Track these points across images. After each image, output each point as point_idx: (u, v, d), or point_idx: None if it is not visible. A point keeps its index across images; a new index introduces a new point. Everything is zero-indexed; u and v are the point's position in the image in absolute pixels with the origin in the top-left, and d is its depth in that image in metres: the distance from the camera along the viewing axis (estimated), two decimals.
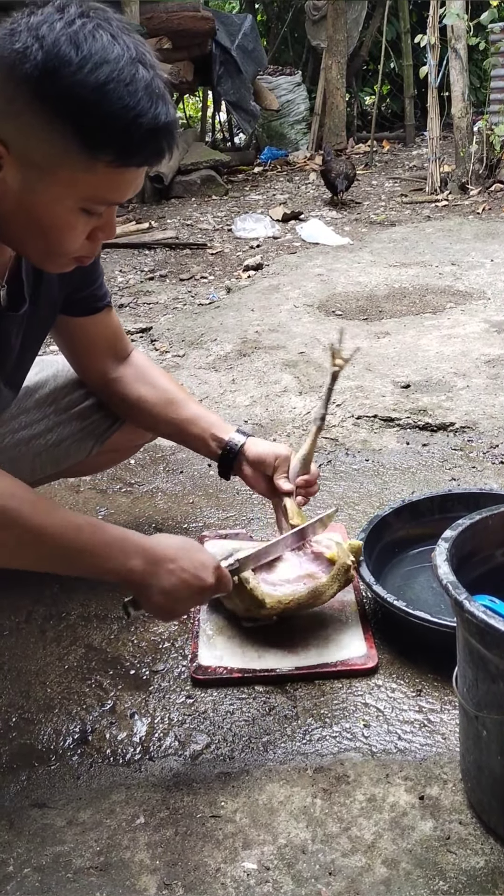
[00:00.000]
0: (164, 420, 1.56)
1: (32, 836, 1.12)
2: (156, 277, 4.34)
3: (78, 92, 0.94)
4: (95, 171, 1.00)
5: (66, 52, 0.94)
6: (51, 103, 0.96)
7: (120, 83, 0.95)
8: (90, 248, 1.12)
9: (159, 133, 1.00)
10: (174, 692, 1.37)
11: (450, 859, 1.05)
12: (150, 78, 0.99)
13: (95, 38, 0.95)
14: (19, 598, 1.64)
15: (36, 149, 0.99)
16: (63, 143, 0.98)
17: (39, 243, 1.10)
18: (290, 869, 1.05)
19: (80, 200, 1.04)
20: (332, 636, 1.45)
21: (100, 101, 0.95)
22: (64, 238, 1.08)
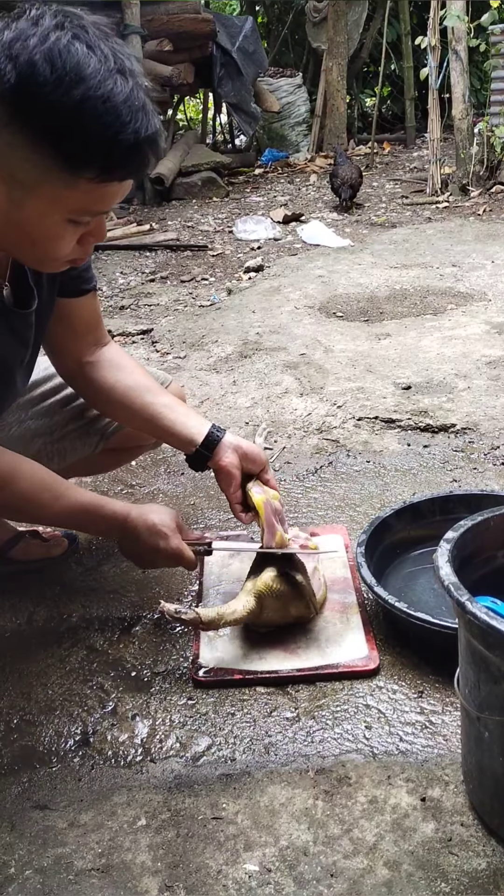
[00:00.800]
0: (137, 408, 1.51)
1: (34, 837, 1.12)
2: (157, 279, 4.34)
3: (55, 113, 0.94)
4: (78, 187, 1.01)
5: (40, 71, 0.92)
6: (28, 125, 0.95)
7: (97, 100, 0.94)
8: (82, 252, 1.14)
9: (141, 147, 1.00)
10: (175, 694, 1.37)
11: (451, 861, 1.05)
12: (129, 90, 0.98)
13: (71, 52, 0.93)
14: (20, 599, 1.64)
15: (18, 168, 0.99)
16: (44, 162, 0.98)
17: (31, 252, 1.12)
18: (291, 871, 1.05)
19: (66, 214, 1.05)
20: (334, 638, 1.45)
21: (77, 120, 0.94)
22: (54, 247, 1.09)
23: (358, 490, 2.00)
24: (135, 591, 1.65)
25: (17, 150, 0.98)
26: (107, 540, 1.74)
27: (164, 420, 1.49)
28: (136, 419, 1.53)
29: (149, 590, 1.65)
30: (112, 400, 1.52)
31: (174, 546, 1.41)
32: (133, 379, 1.52)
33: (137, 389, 1.51)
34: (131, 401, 1.51)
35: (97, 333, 1.54)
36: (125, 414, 1.54)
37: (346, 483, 2.04)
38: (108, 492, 2.06)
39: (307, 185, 7.15)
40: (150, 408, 1.50)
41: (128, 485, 2.09)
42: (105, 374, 1.52)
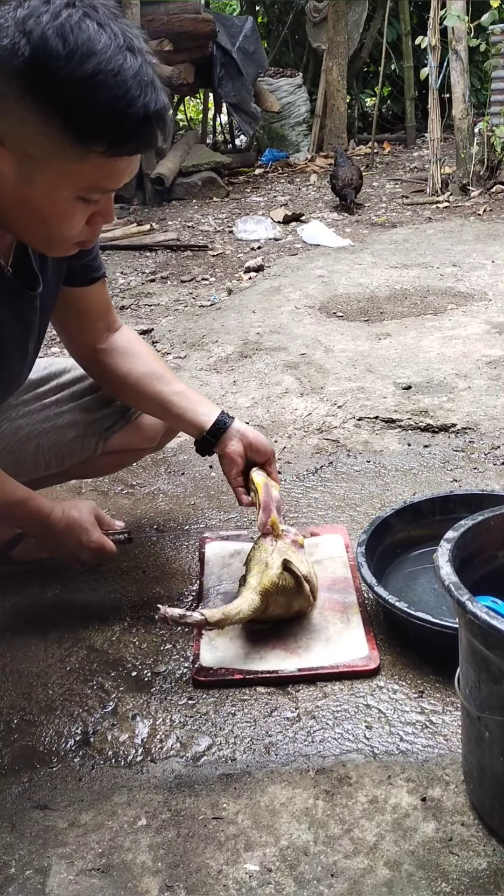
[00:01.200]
0: (150, 395, 1.55)
1: (34, 837, 1.12)
2: (157, 279, 4.34)
3: (67, 86, 0.96)
4: (88, 161, 1.02)
5: (53, 46, 0.94)
6: (41, 98, 0.97)
7: (108, 74, 0.96)
8: (90, 233, 1.15)
9: (150, 121, 1.02)
10: (176, 694, 1.37)
11: (452, 861, 1.05)
12: (139, 66, 0.99)
13: (82, 28, 0.95)
14: (21, 599, 1.64)
15: (29, 142, 1.01)
16: (55, 135, 1.00)
17: (40, 231, 1.12)
18: (292, 871, 1.05)
19: (75, 189, 1.06)
20: (334, 637, 1.45)
21: (89, 94, 0.96)
22: (63, 225, 1.10)
23: (358, 490, 2.00)
24: (135, 591, 1.65)
25: (29, 124, 0.99)
26: None
27: (174, 407, 1.54)
28: (148, 406, 1.59)
29: (149, 590, 1.65)
30: (126, 387, 1.56)
31: (95, 539, 1.47)
32: (144, 366, 1.55)
33: (149, 377, 1.54)
34: (144, 388, 1.55)
35: (108, 319, 1.56)
36: (138, 400, 1.59)
37: (346, 483, 2.04)
38: (109, 491, 2.06)
39: (307, 185, 7.15)
40: (162, 395, 1.54)
41: (128, 485, 2.09)
42: (118, 361, 1.55)
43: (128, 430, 1.66)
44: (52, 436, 1.60)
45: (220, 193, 6.78)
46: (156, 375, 1.55)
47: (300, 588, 1.45)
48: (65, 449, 1.61)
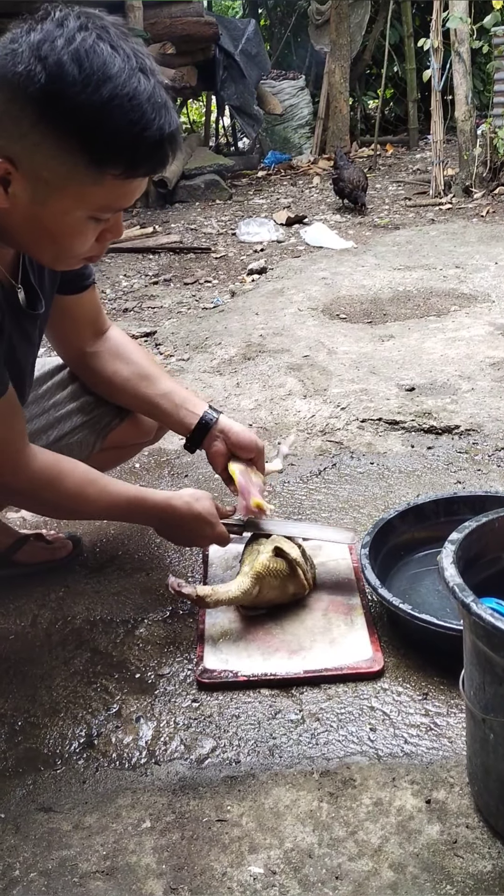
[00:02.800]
0: (137, 395, 1.59)
1: (38, 840, 1.12)
2: (160, 282, 4.34)
3: (83, 111, 0.96)
4: (103, 184, 1.03)
5: (69, 71, 0.94)
6: (57, 123, 0.97)
7: (124, 98, 0.96)
8: (99, 249, 1.16)
9: (164, 143, 1.03)
10: (180, 696, 1.37)
11: (457, 863, 1.04)
12: (152, 88, 1.00)
13: (97, 52, 0.96)
14: (24, 602, 1.64)
15: (43, 166, 1.01)
16: (71, 160, 1.00)
17: (50, 249, 1.13)
18: (296, 873, 1.05)
19: (89, 211, 1.07)
20: (338, 640, 1.44)
21: (105, 118, 0.97)
22: (74, 244, 1.12)
23: (362, 492, 2.00)
24: (139, 593, 1.65)
25: (44, 148, 0.99)
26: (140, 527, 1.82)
27: (159, 409, 1.60)
28: (137, 406, 1.64)
29: (153, 592, 1.65)
30: (113, 388, 1.61)
31: (219, 532, 1.54)
32: (130, 368, 1.59)
33: (135, 379, 1.59)
34: (130, 390, 1.59)
35: (97, 324, 1.59)
36: (126, 401, 1.63)
37: (349, 485, 2.04)
38: None
39: (310, 188, 7.15)
40: (147, 397, 1.59)
41: None
42: (105, 363, 1.58)
43: (125, 427, 1.67)
44: (52, 436, 1.60)
45: (222, 196, 6.78)
46: (142, 376, 1.58)
47: (293, 571, 1.49)
48: (64, 448, 1.61)
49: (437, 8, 5.79)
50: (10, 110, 0.98)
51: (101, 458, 1.72)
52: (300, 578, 1.51)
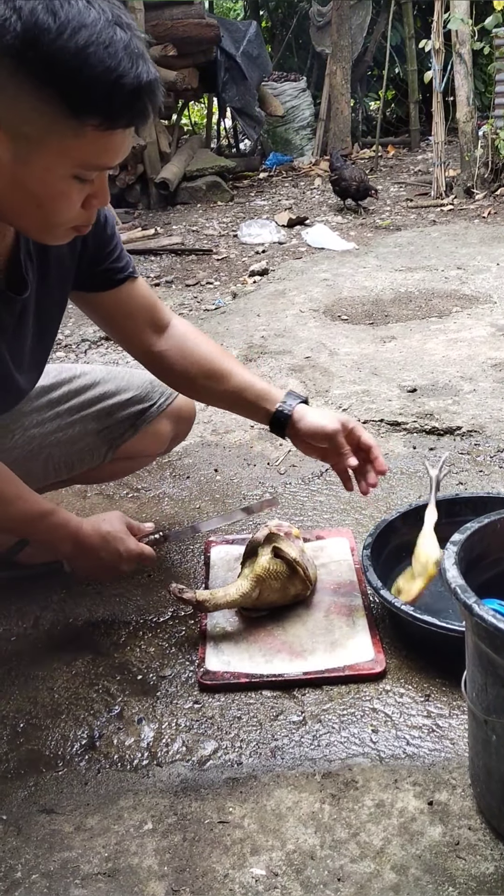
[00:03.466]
0: (211, 395, 1.56)
1: (40, 841, 1.12)
2: (162, 283, 4.35)
3: (60, 58, 0.95)
4: (84, 135, 1.01)
5: (43, 19, 0.94)
6: (34, 72, 0.96)
7: (99, 46, 0.96)
8: (86, 217, 1.13)
9: (142, 92, 1.00)
10: (182, 697, 1.37)
11: (459, 865, 1.04)
12: (129, 38, 0.99)
13: (71, 3, 0.95)
14: (26, 603, 1.64)
15: (24, 121, 0.99)
16: (50, 111, 0.98)
17: (35, 216, 1.10)
18: (298, 875, 1.05)
19: (71, 168, 1.04)
20: (340, 641, 1.44)
21: (82, 65, 0.95)
22: (59, 207, 1.08)
23: None
24: (140, 595, 1.65)
25: (23, 102, 0.98)
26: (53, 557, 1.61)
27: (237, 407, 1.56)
28: (216, 405, 1.64)
29: (154, 593, 1.65)
30: (186, 390, 1.60)
31: (133, 547, 1.47)
32: (198, 368, 1.52)
33: (203, 380, 1.53)
34: (203, 391, 1.57)
35: (154, 319, 1.52)
36: (204, 401, 1.64)
37: None
38: (114, 496, 2.06)
39: (312, 189, 7.16)
40: (221, 396, 1.55)
41: (133, 489, 2.09)
42: (173, 365, 1.52)
43: (138, 438, 1.65)
44: (64, 445, 1.59)
45: (224, 197, 6.79)
46: (211, 375, 1.52)
47: (294, 571, 1.49)
48: (75, 457, 1.61)
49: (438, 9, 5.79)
50: None
51: (112, 468, 1.72)
52: (301, 577, 1.50)
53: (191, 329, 1.56)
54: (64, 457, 1.60)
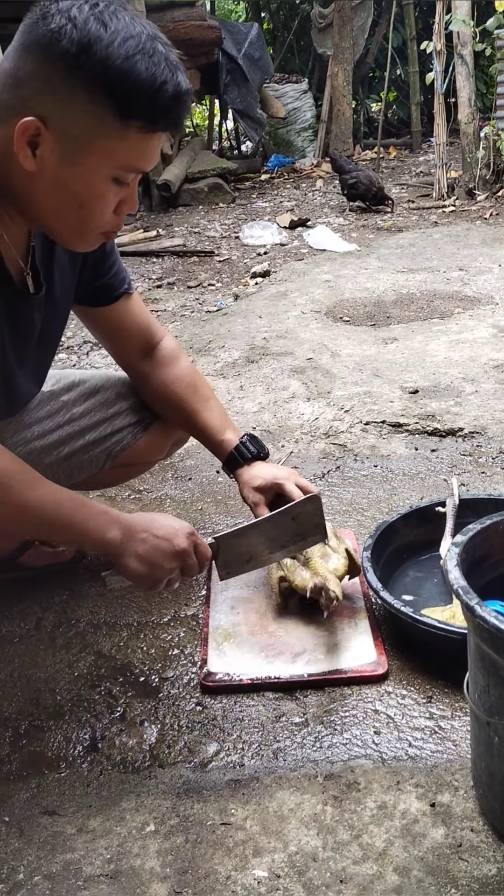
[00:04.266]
0: (185, 425, 1.63)
1: (42, 843, 1.12)
2: (164, 285, 4.35)
3: (110, 63, 1.03)
4: (127, 138, 1.08)
5: (96, 29, 1.03)
6: (87, 76, 1.04)
7: (145, 54, 1.05)
8: (116, 222, 1.20)
9: (180, 99, 1.09)
10: (184, 699, 1.37)
11: (462, 867, 1.04)
12: (167, 52, 1.08)
13: (118, 17, 1.05)
14: (28, 605, 1.64)
15: (73, 122, 1.06)
16: (99, 113, 1.06)
17: (74, 217, 1.15)
18: (300, 877, 1.05)
19: (113, 169, 1.11)
20: (342, 643, 1.44)
21: (130, 70, 1.04)
22: (98, 209, 1.14)
23: (365, 494, 2.00)
24: (143, 597, 1.65)
25: (73, 104, 1.05)
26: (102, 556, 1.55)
27: (205, 442, 1.62)
28: (187, 432, 1.67)
29: (157, 595, 1.65)
30: (164, 413, 1.63)
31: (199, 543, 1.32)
32: (178, 399, 1.59)
33: (180, 411, 1.60)
34: (180, 420, 1.62)
35: (145, 338, 1.58)
36: (178, 426, 1.66)
37: (353, 487, 2.03)
38: (116, 497, 2.06)
39: (313, 190, 7.16)
40: (193, 429, 1.62)
41: (135, 490, 2.09)
42: (156, 388, 1.59)
43: (138, 445, 1.66)
44: (65, 453, 1.59)
45: (226, 199, 6.79)
46: (187, 409, 1.59)
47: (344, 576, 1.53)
48: (75, 465, 1.61)
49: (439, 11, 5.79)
50: (42, 69, 1.04)
51: (112, 474, 1.71)
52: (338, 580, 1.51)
53: (174, 353, 1.61)
54: (64, 464, 1.60)
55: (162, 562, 1.27)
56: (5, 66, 1.08)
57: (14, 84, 1.06)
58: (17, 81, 1.06)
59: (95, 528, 1.24)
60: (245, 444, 1.58)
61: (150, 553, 1.26)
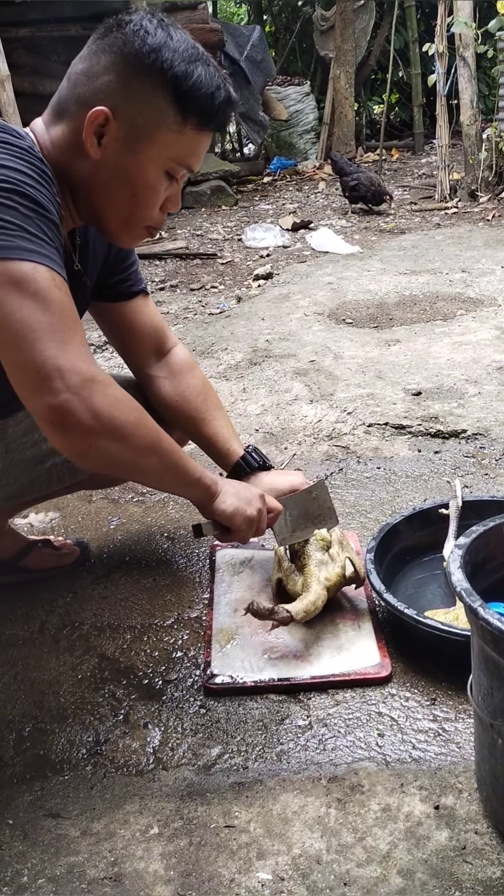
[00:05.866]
0: (190, 434, 1.65)
1: (46, 846, 1.12)
2: (166, 288, 4.36)
3: (176, 65, 1.16)
4: (184, 133, 1.20)
5: (164, 36, 1.17)
6: (155, 74, 1.16)
7: (202, 62, 1.20)
8: (160, 219, 1.29)
9: (231, 104, 1.24)
10: (187, 702, 1.37)
11: (466, 869, 1.04)
12: (217, 65, 1.24)
13: (179, 32, 1.20)
14: (32, 608, 1.64)
15: (139, 113, 1.18)
16: (163, 107, 1.18)
17: (126, 205, 1.24)
18: (304, 879, 1.04)
19: (168, 161, 1.21)
20: (346, 645, 1.44)
21: (191, 72, 1.17)
22: (149, 199, 1.24)
23: (368, 496, 1.99)
24: (146, 599, 1.65)
25: (140, 97, 1.17)
26: None
27: (209, 452, 1.65)
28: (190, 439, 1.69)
29: (160, 598, 1.65)
30: (170, 419, 1.61)
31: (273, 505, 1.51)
32: (186, 408, 1.61)
33: (186, 422, 1.62)
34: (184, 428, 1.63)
35: (158, 341, 1.61)
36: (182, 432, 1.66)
37: (356, 489, 2.03)
38: (119, 500, 2.06)
39: (316, 193, 7.17)
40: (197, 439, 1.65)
41: (138, 493, 2.09)
42: (165, 395, 1.60)
43: None
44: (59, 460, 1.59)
45: (228, 202, 6.80)
46: (194, 418, 1.61)
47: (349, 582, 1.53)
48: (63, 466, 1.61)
49: (441, 13, 5.80)
50: (116, 66, 1.16)
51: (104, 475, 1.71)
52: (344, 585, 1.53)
53: (188, 363, 1.64)
54: (68, 465, 1.60)
55: (250, 499, 1.46)
56: (78, 68, 1.20)
57: (87, 80, 1.18)
58: (90, 78, 1.18)
59: (200, 473, 1.38)
60: (251, 454, 1.62)
61: (239, 493, 1.45)
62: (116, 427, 1.12)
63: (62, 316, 1.07)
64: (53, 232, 1.10)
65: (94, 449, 1.12)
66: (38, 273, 1.05)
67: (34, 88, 5.92)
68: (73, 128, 1.19)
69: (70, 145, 1.20)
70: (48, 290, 1.05)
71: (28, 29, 6.17)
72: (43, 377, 1.05)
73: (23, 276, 1.04)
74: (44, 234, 1.08)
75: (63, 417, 1.06)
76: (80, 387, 1.06)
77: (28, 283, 1.04)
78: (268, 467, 1.63)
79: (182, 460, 1.32)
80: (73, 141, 1.19)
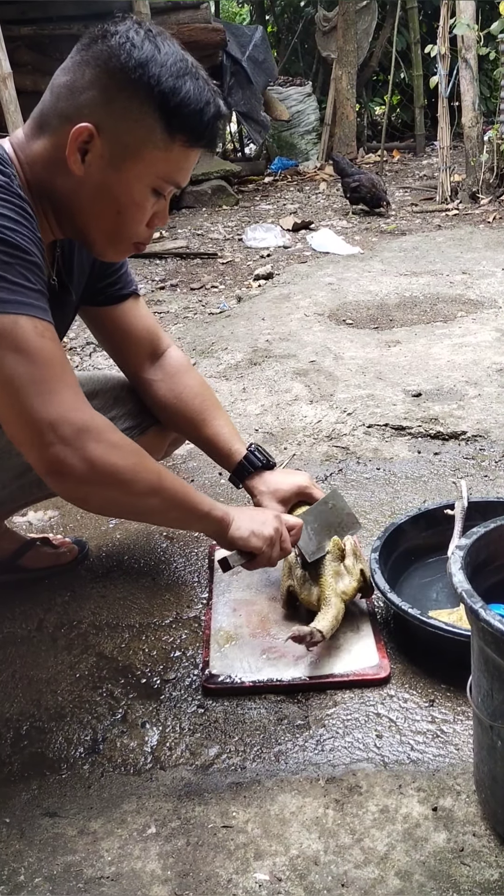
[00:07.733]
0: (189, 436, 1.65)
1: (43, 845, 1.12)
2: (167, 287, 4.35)
3: (163, 80, 1.12)
4: (171, 150, 1.16)
5: (151, 49, 1.12)
6: (141, 89, 1.11)
7: (191, 76, 1.14)
8: (147, 235, 1.25)
9: (220, 119, 1.18)
10: (185, 701, 1.37)
11: (464, 871, 1.04)
12: (207, 78, 1.18)
13: (168, 43, 1.15)
14: (30, 606, 1.64)
15: (125, 130, 1.13)
16: (149, 123, 1.13)
17: (112, 223, 1.20)
18: (302, 880, 1.04)
19: (154, 179, 1.17)
20: (344, 646, 1.44)
21: (180, 88, 1.12)
22: (135, 217, 1.20)
23: (368, 497, 1.99)
24: (144, 598, 1.65)
25: (127, 114, 1.12)
26: None
27: (209, 453, 1.63)
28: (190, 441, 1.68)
29: (159, 597, 1.65)
30: (167, 422, 1.62)
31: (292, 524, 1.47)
32: (184, 409, 1.59)
33: (184, 424, 1.61)
34: (183, 430, 1.63)
35: (152, 344, 1.59)
36: (180, 434, 1.68)
37: (356, 490, 2.03)
38: None
39: (317, 193, 7.17)
40: (197, 441, 1.63)
41: None
42: (161, 397, 1.60)
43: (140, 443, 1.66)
44: None
45: (229, 201, 6.80)
46: (192, 420, 1.60)
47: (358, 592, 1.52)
48: None
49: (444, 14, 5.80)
50: (100, 80, 1.12)
51: None
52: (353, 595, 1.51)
53: (184, 364, 1.63)
54: None
55: (264, 520, 1.41)
56: (61, 80, 1.14)
57: (70, 94, 1.13)
58: (73, 92, 1.13)
59: (210, 506, 1.35)
60: (254, 453, 1.60)
61: (252, 517, 1.41)
62: (113, 473, 1.14)
63: (47, 365, 1.08)
64: (35, 274, 1.09)
65: (94, 496, 1.17)
66: (19, 325, 1.05)
67: (36, 86, 5.91)
68: (56, 143, 1.14)
69: (52, 160, 1.15)
70: (29, 342, 1.06)
71: (30, 27, 6.19)
72: (35, 432, 1.07)
73: (2, 330, 1.05)
74: (25, 280, 1.07)
75: (59, 469, 1.09)
76: (73, 438, 1.08)
77: (8, 337, 1.05)
78: (271, 466, 1.62)
79: (188, 497, 1.31)
80: (55, 156, 1.15)
